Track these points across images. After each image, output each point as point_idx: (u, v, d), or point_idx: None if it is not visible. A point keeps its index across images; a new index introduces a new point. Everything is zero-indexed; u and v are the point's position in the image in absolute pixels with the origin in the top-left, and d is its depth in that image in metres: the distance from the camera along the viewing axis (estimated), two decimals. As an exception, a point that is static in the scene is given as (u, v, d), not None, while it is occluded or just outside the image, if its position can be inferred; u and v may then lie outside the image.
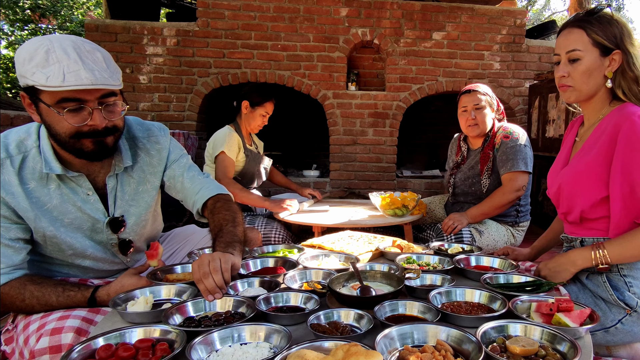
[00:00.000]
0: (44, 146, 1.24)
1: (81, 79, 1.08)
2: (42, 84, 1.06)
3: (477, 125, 2.31)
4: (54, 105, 1.11)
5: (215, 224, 1.39)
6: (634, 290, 1.28)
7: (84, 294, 1.22)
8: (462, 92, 2.38)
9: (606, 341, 1.31)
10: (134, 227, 1.43)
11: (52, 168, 1.22)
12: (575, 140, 1.49)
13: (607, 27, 1.29)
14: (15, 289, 1.19)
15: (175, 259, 1.72)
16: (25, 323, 1.17)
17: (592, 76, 1.31)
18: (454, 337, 0.89)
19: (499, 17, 4.33)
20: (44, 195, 1.25)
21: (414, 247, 1.68)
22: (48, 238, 1.27)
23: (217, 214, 1.42)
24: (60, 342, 1.07)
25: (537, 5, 15.25)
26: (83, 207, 1.30)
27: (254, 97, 2.77)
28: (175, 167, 1.51)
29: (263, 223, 2.60)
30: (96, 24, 3.97)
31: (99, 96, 1.15)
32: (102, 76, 1.12)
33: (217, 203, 1.47)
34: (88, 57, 1.12)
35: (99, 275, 1.44)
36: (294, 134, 5.53)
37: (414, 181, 4.52)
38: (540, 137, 4.04)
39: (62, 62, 1.07)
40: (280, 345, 0.90)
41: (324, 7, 4.14)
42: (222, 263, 1.13)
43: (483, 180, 2.33)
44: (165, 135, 1.50)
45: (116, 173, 1.35)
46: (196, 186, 1.50)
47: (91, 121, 1.15)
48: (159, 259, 1.35)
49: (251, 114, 2.79)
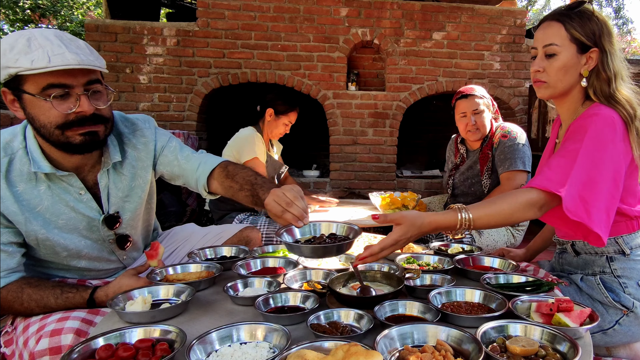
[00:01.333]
0: (30, 146, 1.20)
1: (67, 60, 1.06)
2: (27, 67, 1.04)
3: (477, 130, 2.31)
4: (39, 92, 1.09)
5: (239, 183, 1.36)
6: (629, 290, 1.27)
7: (82, 295, 1.22)
8: (459, 96, 2.37)
9: (605, 342, 1.31)
10: (130, 222, 1.42)
11: (41, 167, 1.20)
12: (555, 141, 1.48)
13: (587, 23, 1.24)
14: (12, 293, 1.18)
15: (175, 259, 1.72)
16: (25, 325, 1.16)
17: (568, 73, 1.27)
18: (454, 337, 0.89)
19: (499, 17, 4.33)
20: (34, 197, 1.22)
21: (414, 247, 1.67)
22: (41, 241, 1.25)
23: (236, 175, 1.38)
24: (60, 344, 1.06)
25: (537, 5, 15.25)
26: (76, 206, 1.28)
27: (279, 106, 2.75)
28: (167, 153, 1.47)
29: (265, 223, 2.60)
30: (96, 24, 3.97)
31: (84, 82, 1.14)
32: (88, 58, 1.11)
33: (228, 167, 1.43)
34: (71, 43, 1.12)
35: (96, 276, 1.43)
36: (294, 133, 5.52)
37: (414, 181, 4.52)
38: (540, 137, 4.04)
39: (45, 47, 1.06)
40: (279, 345, 0.90)
41: (324, 7, 4.14)
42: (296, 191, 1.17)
43: (484, 181, 2.33)
44: (150, 127, 1.46)
45: (107, 169, 1.33)
46: (194, 163, 1.46)
47: (79, 107, 1.13)
48: (159, 259, 1.34)
49: (275, 122, 2.78)
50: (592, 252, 1.36)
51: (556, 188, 1.13)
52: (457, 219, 1.15)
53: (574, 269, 1.43)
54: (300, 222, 1.14)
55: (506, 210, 1.15)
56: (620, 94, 1.24)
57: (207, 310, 1.13)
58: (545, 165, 1.22)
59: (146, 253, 1.35)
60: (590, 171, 1.16)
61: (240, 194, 1.36)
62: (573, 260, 1.43)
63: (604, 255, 1.33)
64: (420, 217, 1.14)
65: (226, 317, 1.08)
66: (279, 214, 1.15)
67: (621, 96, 1.23)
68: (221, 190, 1.44)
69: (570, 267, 1.45)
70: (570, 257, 1.44)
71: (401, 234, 1.13)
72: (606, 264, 1.32)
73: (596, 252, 1.35)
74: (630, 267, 1.29)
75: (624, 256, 1.30)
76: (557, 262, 1.52)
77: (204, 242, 1.74)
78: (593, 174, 1.16)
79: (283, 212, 1.14)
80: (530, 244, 1.72)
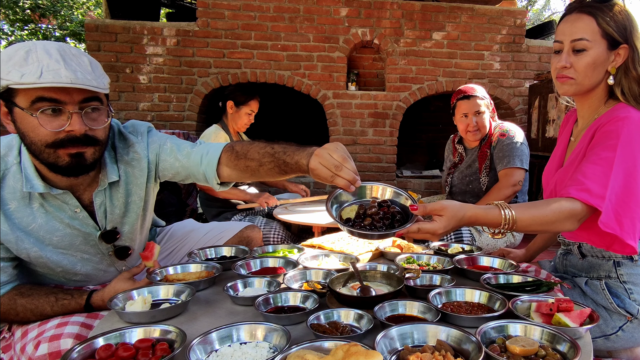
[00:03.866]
0: (25, 162, 1.14)
1: (60, 77, 1.00)
2: (16, 81, 0.99)
3: (478, 130, 2.32)
4: (28, 107, 1.03)
5: (258, 158, 1.24)
6: (635, 297, 1.25)
7: (78, 301, 1.20)
8: (460, 97, 2.36)
9: (606, 347, 1.29)
10: (129, 235, 1.39)
11: (34, 186, 1.13)
12: (570, 139, 1.43)
13: (619, 18, 1.17)
14: (5, 306, 1.15)
15: (174, 258, 1.71)
16: (23, 330, 1.15)
17: (597, 70, 1.21)
18: (454, 337, 0.89)
19: (499, 17, 4.33)
20: (26, 215, 1.16)
21: (414, 247, 1.67)
22: (33, 258, 1.21)
23: (249, 151, 1.26)
24: (59, 348, 1.05)
25: (537, 5, 15.25)
26: (72, 223, 1.23)
27: (238, 97, 2.81)
28: (166, 157, 1.37)
29: (262, 223, 2.60)
30: (96, 24, 3.97)
31: (80, 100, 1.07)
32: (85, 77, 1.04)
33: (234, 147, 1.31)
34: (72, 59, 1.06)
35: (93, 285, 1.40)
36: (294, 133, 5.53)
37: (414, 181, 4.52)
38: (540, 137, 4.04)
39: (42, 61, 1.01)
40: (279, 345, 0.90)
41: (324, 7, 4.14)
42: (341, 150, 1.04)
43: (482, 178, 2.34)
44: (141, 142, 1.35)
45: (103, 188, 1.27)
46: (195, 158, 1.35)
47: (69, 126, 1.05)
48: (154, 260, 1.32)
49: (237, 113, 2.84)
50: (600, 255, 1.33)
51: (598, 203, 1.10)
52: (501, 216, 1.08)
53: (579, 272, 1.41)
54: (352, 187, 1.03)
55: (549, 217, 1.10)
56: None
57: (207, 310, 1.13)
58: (579, 172, 1.17)
59: (141, 254, 1.33)
60: (625, 181, 1.13)
61: (261, 170, 1.24)
62: (578, 263, 1.41)
63: (611, 259, 1.30)
64: (462, 209, 1.07)
65: (226, 317, 1.08)
66: (329, 179, 1.04)
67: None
68: (235, 175, 1.33)
69: (574, 270, 1.43)
70: (575, 259, 1.42)
71: (442, 226, 1.05)
72: (612, 269, 1.30)
73: (603, 255, 1.32)
74: (637, 273, 1.27)
75: (631, 262, 1.28)
76: (561, 263, 1.50)
77: (205, 241, 1.73)
78: (627, 184, 1.13)
79: (333, 177, 1.03)
80: (530, 244, 1.71)
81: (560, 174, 1.35)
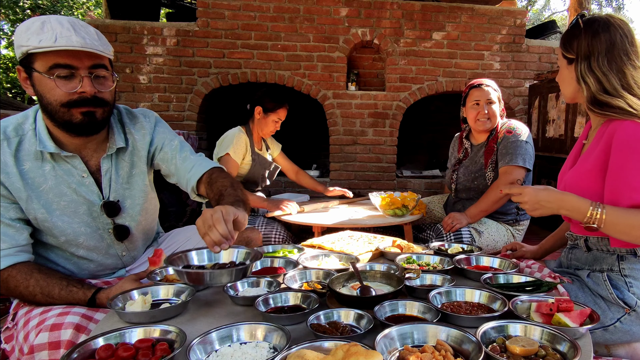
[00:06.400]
0: (39, 127, 1.28)
1: (72, 42, 1.16)
2: (35, 45, 1.14)
3: (488, 119, 2.32)
4: (46, 71, 1.18)
5: (214, 192, 1.39)
6: (634, 290, 1.29)
7: (85, 293, 1.24)
8: (474, 85, 2.38)
9: (605, 339, 1.32)
10: (130, 212, 1.44)
11: (46, 146, 1.26)
12: (584, 142, 1.48)
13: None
14: (22, 274, 1.21)
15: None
16: (26, 320, 1.17)
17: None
18: (454, 337, 0.89)
19: (499, 17, 4.33)
20: (39, 176, 1.28)
21: (414, 247, 1.67)
22: (40, 221, 1.29)
23: (215, 183, 1.42)
24: (59, 338, 1.07)
25: (537, 5, 15.26)
26: (78, 189, 1.33)
27: (267, 103, 2.74)
28: (168, 150, 1.52)
29: (263, 223, 2.60)
30: (96, 24, 3.97)
31: (89, 65, 1.22)
32: (93, 43, 1.20)
33: (212, 175, 1.47)
34: (81, 29, 1.21)
35: (95, 272, 1.44)
36: (294, 133, 5.53)
37: (413, 181, 4.52)
38: (540, 137, 4.04)
39: (55, 29, 1.16)
40: (279, 345, 0.90)
41: (324, 7, 4.14)
42: (223, 215, 1.08)
43: (487, 174, 2.33)
44: (149, 121, 1.52)
45: (110, 154, 1.38)
46: (188, 165, 1.51)
47: (81, 88, 1.21)
48: (161, 266, 1.34)
49: (264, 119, 2.76)
50: (605, 249, 1.37)
51: None
52: (589, 204, 1.18)
53: (582, 265, 1.44)
54: (217, 248, 1.05)
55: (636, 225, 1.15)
56: None
57: (207, 310, 1.13)
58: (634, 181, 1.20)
59: (149, 259, 1.36)
60: None
61: (214, 202, 1.35)
62: (582, 256, 1.44)
63: (615, 253, 1.35)
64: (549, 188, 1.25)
65: (226, 317, 1.08)
66: (202, 236, 1.08)
67: None
68: (206, 196, 1.49)
69: (578, 263, 1.46)
70: (580, 252, 1.45)
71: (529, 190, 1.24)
72: (615, 262, 1.34)
73: (608, 249, 1.36)
74: (638, 267, 1.31)
75: (634, 257, 1.32)
76: (566, 258, 1.53)
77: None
78: None
79: (204, 235, 1.07)
80: (543, 242, 1.72)
81: (570, 173, 1.39)
